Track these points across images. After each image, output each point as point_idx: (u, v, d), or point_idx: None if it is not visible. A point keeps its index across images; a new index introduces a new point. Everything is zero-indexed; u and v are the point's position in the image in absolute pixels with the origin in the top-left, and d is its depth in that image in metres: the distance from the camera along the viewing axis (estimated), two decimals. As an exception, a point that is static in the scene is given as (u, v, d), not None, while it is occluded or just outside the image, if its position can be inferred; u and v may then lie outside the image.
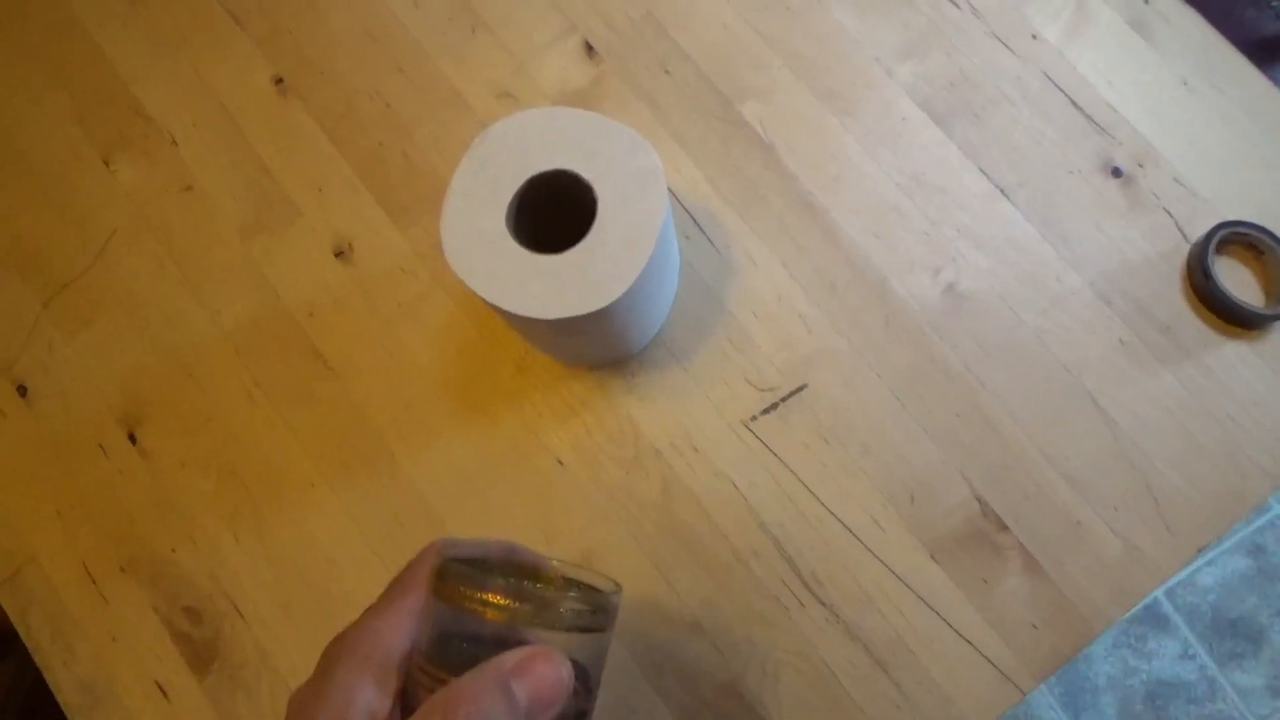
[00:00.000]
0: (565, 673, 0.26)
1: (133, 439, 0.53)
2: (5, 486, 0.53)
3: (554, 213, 0.43)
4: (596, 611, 0.29)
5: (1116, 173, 0.50)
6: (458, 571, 0.28)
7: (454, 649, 0.27)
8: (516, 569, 0.32)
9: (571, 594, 0.29)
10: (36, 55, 0.59)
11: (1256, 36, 0.87)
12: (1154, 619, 1.18)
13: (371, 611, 0.29)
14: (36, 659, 0.51)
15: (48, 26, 0.59)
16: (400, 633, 0.28)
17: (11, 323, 0.55)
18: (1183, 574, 1.19)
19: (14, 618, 0.51)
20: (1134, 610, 1.19)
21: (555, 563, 0.33)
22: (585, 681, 0.30)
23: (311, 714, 0.25)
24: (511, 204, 0.41)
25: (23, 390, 0.54)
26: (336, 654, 0.27)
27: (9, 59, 0.59)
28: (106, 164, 0.56)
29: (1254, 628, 1.17)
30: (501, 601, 0.27)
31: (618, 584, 0.32)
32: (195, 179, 0.56)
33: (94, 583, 0.51)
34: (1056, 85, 0.51)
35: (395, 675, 0.27)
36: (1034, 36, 0.52)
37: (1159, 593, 1.19)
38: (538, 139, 0.42)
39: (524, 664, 0.26)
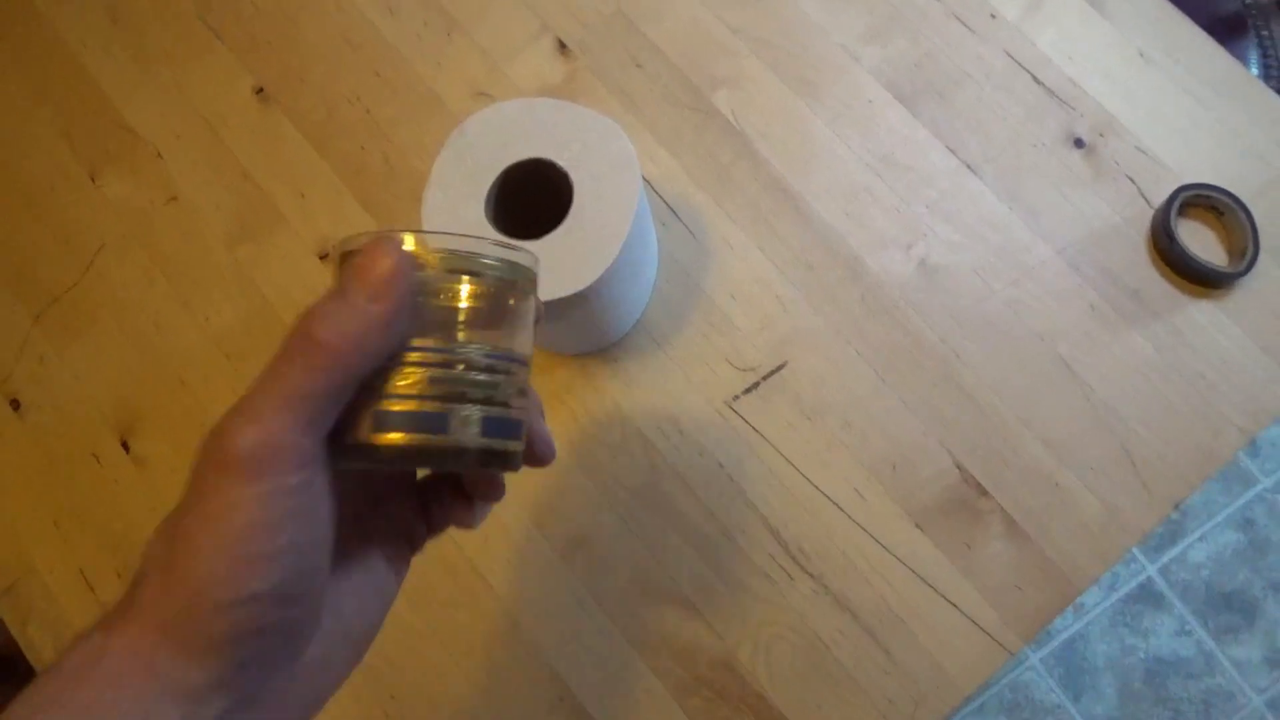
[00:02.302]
0: (392, 249, 0.24)
1: (126, 447, 0.53)
2: (2, 499, 0.54)
3: (532, 201, 0.44)
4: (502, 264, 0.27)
5: (1079, 144, 0.51)
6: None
7: None
8: None
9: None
10: (21, 74, 0.60)
11: (1220, 14, 0.89)
12: (1149, 597, 1.19)
13: None
14: (37, 669, 0.51)
15: (31, 46, 0.60)
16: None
17: (4, 337, 0.56)
18: (1175, 551, 1.20)
19: (14, 628, 0.52)
20: (1129, 589, 1.20)
21: None
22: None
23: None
24: (490, 193, 0.42)
25: (16, 404, 0.55)
26: None
27: (-7, 80, 0.60)
28: (93, 179, 0.57)
29: (1248, 601, 1.17)
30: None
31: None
32: (180, 190, 0.56)
33: (92, 590, 0.52)
34: (1017, 62, 0.52)
35: None
36: (993, 16, 0.53)
37: (1153, 570, 1.20)
38: (514, 129, 0.43)
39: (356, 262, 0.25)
